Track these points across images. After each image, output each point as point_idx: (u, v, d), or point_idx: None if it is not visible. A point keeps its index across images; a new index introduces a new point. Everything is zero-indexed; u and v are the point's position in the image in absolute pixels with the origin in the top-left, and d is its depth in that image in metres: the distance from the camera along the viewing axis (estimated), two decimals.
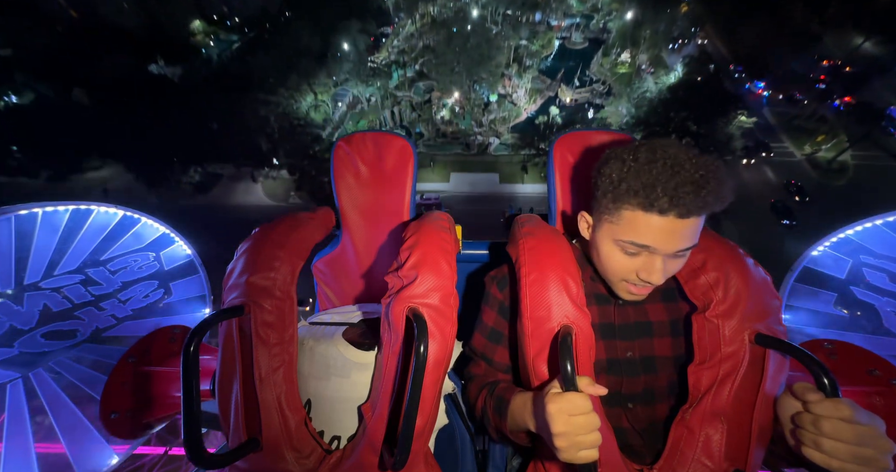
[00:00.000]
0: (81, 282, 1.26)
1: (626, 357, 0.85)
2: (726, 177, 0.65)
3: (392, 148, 1.18)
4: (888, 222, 1.17)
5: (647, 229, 0.68)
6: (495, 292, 0.95)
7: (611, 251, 0.76)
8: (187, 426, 0.62)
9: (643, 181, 0.65)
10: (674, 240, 0.67)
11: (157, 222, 1.46)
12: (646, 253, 0.71)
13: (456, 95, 24.44)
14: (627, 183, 0.68)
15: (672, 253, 0.69)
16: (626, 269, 0.74)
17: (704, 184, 0.63)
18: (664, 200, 0.64)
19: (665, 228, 0.66)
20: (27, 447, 1.08)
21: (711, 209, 0.65)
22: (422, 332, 0.66)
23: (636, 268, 0.73)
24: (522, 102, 25.38)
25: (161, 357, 1.35)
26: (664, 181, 0.64)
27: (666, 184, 0.63)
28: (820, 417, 0.56)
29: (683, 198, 0.63)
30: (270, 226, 0.95)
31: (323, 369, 0.84)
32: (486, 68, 23.03)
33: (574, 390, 0.60)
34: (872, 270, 1.18)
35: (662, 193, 0.63)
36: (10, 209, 1.12)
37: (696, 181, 0.63)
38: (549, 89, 26.05)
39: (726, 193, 0.65)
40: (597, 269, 0.85)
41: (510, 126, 24.36)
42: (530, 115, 24.91)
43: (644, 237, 0.69)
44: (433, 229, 0.86)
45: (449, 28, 24.55)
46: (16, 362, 1.11)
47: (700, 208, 0.64)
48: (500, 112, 24.50)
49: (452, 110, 24.89)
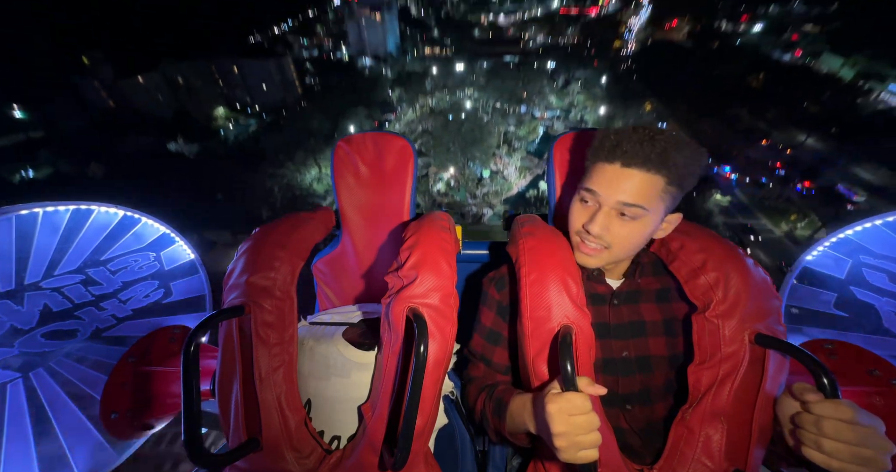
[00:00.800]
0: (82, 282, 1.26)
1: (622, 357, 0.85)
2: (685, 148, 0.71)
3: (392, 148, 1.18)
4: (888, 222, 1.17)
5: (597, 176, 0.76)
6: (493, 293, 0.95)
7: (575, 203, 0.83)
8: (187, 426, 0.62)
9: (609, 138, 0.75)
10: (616, 189, 0.73)
11: (157, 222, 1.46)
12: (594, 204, 0.78)
13: (451, 171, 26.79)
14: (598, 141, 0.77)
15: (614, 204, 0.74)
16: (578, 219, 0.81)
17: (652, 142, 0.70)
18: (613, 150, 0.73)
19: (610, 175, 0.74)
20: (27, 447, 1.08)
21: (654, 166, 0.70)
22: (422, 332, 0.66)
23: (584, 219, 0.79)
24: (513, 177, 28.21)
25: (161, 357, 1.35)
26: (622, 137, 0.73)
27: (621, 138, 0.73)
28: (820, 418, 0.56)
29: (628, 149, 0.71)
30: (270, 226, 0.95)
31: (323, 369, 0.84)
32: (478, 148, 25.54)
33: (574, 390, 0.60)
34: (872, 270, 1.17)
35: (615, 144, 0.73)
36: (11, 209, 1.12)
37: (646, 139, 0.71)
38: (536, 167, 28.92)
39: (676, 158, 0.70)
40: None
41: (503, 199, 26.62)
42: (521, 189, 27.41)
43: (593, 182, 0.77)
44: (433, 229, 0.86)
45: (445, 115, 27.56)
46: (16, 362, 1.11)
47: (642, 161, 0.70)
48: (493, 186, 27.06)
49: (448, 184, 27.08)
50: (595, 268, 0.86)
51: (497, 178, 27.82)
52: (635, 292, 0.89)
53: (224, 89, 33.26)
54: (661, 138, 0.70)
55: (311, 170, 26.69)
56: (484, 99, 31.89)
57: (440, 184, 27.02)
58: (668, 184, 0.72)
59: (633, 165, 0.71)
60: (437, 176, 26.88)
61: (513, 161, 28.91)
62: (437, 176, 26.88)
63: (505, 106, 32.24)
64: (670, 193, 0.74)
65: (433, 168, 26.87)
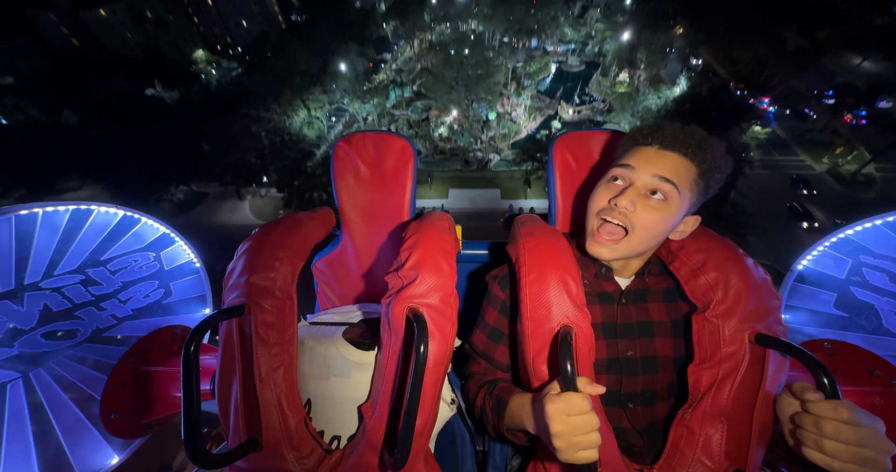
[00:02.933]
0: (82, 282, 1.26)
1: (627, 356, 0.85)
2: (719, 146, 0.76)
3: (392, 148, 1.18)
4: (888, 222, 1.17)
5: (634, 154, 0.80)
6: (497, 292, 0.95)
7: (600, 186, 0.84)
8: (187, 426, 0.61)
9: (647, 127, 0.81)
10: (652, 163, 0.76)
11: (157, 222, 1.46)
12: (625, 182, 0.79)
13: (454, 114, 24.42)
14: (635, 131, 0.83)
15: (648, 178, 0.76)
16: (604, 196, 0.81)
17: (689, 132, 0.76)
18: (653, 133, 0.78)
19: (648, 154, 0.78)
20: (27, 447, 1.08)
21: (692, 152, 0.75)
22: (422, 332, 0.66)
23: (612, 194, 0.79)
24: (522, 119, 25.51)
25: (161, 357, 1.35)
26: (661, 125, 0.79)
27: (661, 125, 0.79)
28: (821, 418, 0.56)
29: (669, 133, 0.77)
30: (270, 226, 0.95)
31: (323, 369, 0.84)
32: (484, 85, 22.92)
33: (573, 390, 0.60)
34: (872, 270, 1.17)
35: (655, 129, 0.79)
36: (11, 209, 1.12)
37: (683, 128, 0.77)
38: (548, 108, 26.22)
39: (712, 150, 0.75)
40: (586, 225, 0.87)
41: (510, 143, 24.25)
42: (531, 132, 24.91)
43: (630, 159, 0.80)
44: (433, 229, 0.86)
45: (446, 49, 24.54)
46: (16, 362, 1.11)
47: (682, 145, 0.75)
48: (500, 129, 24.55)
49: (451, 128, 24.76)
50: (608, 261, 0.84)
51: (504, 120, 24.87)
52: (644, 292, 0.88)
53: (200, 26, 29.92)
54: (699, 131, 0.76)
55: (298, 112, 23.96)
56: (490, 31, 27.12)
57: (442, 128, 24.73)
58: (699, 175, 0.75)
59: (673, 148, 0.75)
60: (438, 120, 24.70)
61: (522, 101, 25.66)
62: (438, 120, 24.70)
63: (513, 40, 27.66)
64: (699, 185, 0.76)
65: (434, 111, 24.68)
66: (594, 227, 0.82)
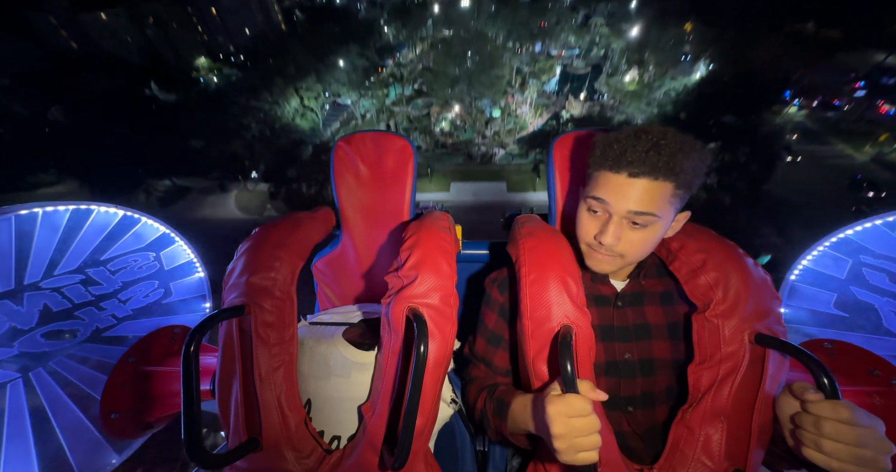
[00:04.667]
0: (81, 282, 1.26)
1: (625, 359, 0.84)
2: (692, 151, 0.70)
3: (392, 148, 1.18)
4: (888, 222, 1.17)
5: (605, 185, 0.74)
6: (496, 295, 0.94)
7: (582, 212, 0.81)
8: (187, 426, 0.61)
9: (612, 147, 0.73)
10: (625, 198, 0.72)
11: (157, 222, 1.46)
12: (604, 213, 0.76)
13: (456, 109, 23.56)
14: (601, 149, 0.75)
15: (624, 213, 0.73)
16: (589, 230, 0.79)
17: (657, 149, 0.69)
18: (619, 159, 0.71)
19: (618, 185, 0.72)
20: (27, 447, 1.08)
21: (663, 174, 0.69)
22: (422, 332, 0.66)
23: (595, 230, 0.78)
24: (527, 116, 24.77)
25: (161, 357, 1.35)
26: (627, 145, 0.71)
27: (626, 147, 0.71)
28: (820, 418, 0.56)
29: (634, 159, 0.69)
30: (270, 226, 0.95)
31: (323, 369, 0.84)
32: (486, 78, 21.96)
33: (574, 390, 0.60)
34: (872, 270, 1.17)
35: (619, 154, 0.71)
36: (10, 209, 1.12)
37: (651, 147, 0.69)
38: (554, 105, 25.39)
39: (684, 164, 0.69)
40: None
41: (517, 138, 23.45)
42: (536, 128, 24.22)
43: (601, 191, 0.75)
44: (433, 229, 0.86)
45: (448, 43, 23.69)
46: (16, 362, 1.11)
47: (650, 170, 0.69)
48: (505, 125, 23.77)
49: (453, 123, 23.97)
50: (603, 272, 0.85)
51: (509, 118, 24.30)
52: (640, 295, 0.88)
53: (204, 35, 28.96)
54: (667, 144, 0.69)
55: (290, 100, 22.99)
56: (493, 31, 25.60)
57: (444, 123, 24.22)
58: (676, 189, 0.72)
59: (641, 175, 0.70)
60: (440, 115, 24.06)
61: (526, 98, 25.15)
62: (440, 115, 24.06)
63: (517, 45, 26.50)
64: (679, 196, 0.73)
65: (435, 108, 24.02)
66: (584, 247, 0.82)
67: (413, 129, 24.12)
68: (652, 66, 24.40)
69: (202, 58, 28.80)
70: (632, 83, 25.58)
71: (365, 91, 24.62)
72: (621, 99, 24.72)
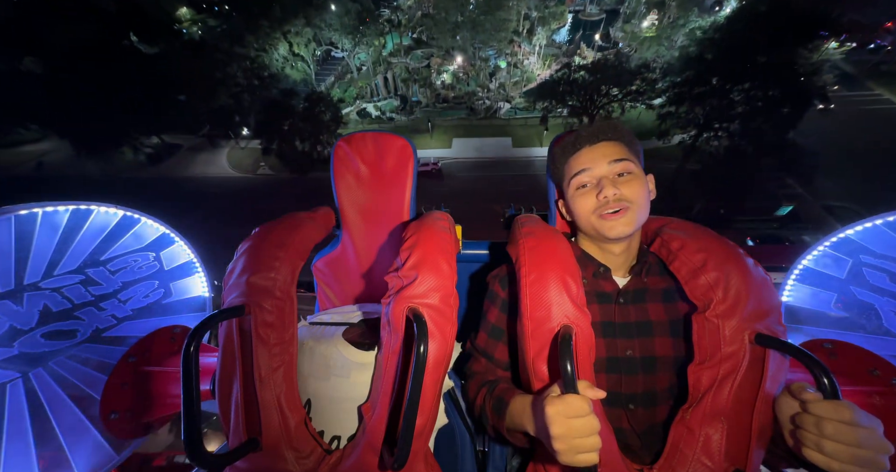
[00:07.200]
0: (81, 282, 1.25)
1: (626, 356, 0.85)
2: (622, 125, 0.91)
3: (392, 148, 1.18)
4: (888, 222, 1.17)
5: (578, 161, 0.91)
6: (498, 290, 0.96)
7: (575, 197, 0.91)
8: (187, 426, 0.61)
9: (567, 142, 0.94)
10: (600, 156, 0.88)
11: (157, 222, 1.45)
12: (591, 181, 0.88)
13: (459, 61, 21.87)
14: (560, 150, 0.96)
15: (606, 167, 0.87)
16: (588, 202, 0.89)
17: (597, 125, 0.91)
18: (575, 143, 0.92)
19: (588, 154, 0.90)
20: (27, 447, 1.08)
21: (612, 136, 0.89)
22: (422, 332, 0.66)
23: (593, 198, 0.88)
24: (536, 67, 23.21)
25: (161, 357, 1.35)
26: (576, 134, 0.93)
27: (576, 135, 0.93)
28: (821, 419, 0.56)
29: (586, 134, 0.91)
30: (270, 226, 0.95)
31: (323, 369, 0.84)
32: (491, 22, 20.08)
33: (574, 391, 0.60)
34: (872, 270, 1.17)
35: (575, 140, 0.92)
36: (10, 209, 1.12)
37: (593, 126, 0.91)
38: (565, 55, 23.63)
39: (620, 129, 0.90)
40: (582, 230, 0.96)
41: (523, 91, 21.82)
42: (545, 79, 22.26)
43: (579, 165, 0.90)
44: (433, 229, 0.86)
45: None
46: (16, 362, 1.11)
47: (600, 136, 0.89)
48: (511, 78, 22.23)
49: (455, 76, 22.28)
50: (627, 235, 0.86)
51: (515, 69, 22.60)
52: (642, 291, 0.89)
53: None
54: (602, 122, 0.92)
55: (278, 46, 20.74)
56: None
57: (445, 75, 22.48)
58: (626, 146, 0.89)
59: (598, 141, 0.89)
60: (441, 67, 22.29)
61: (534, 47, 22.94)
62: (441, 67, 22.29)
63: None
64: (633, 152, 0.89)
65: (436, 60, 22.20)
66: (596, 220, 0.87)
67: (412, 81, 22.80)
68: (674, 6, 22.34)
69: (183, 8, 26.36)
70: (650, 29, 23.62)
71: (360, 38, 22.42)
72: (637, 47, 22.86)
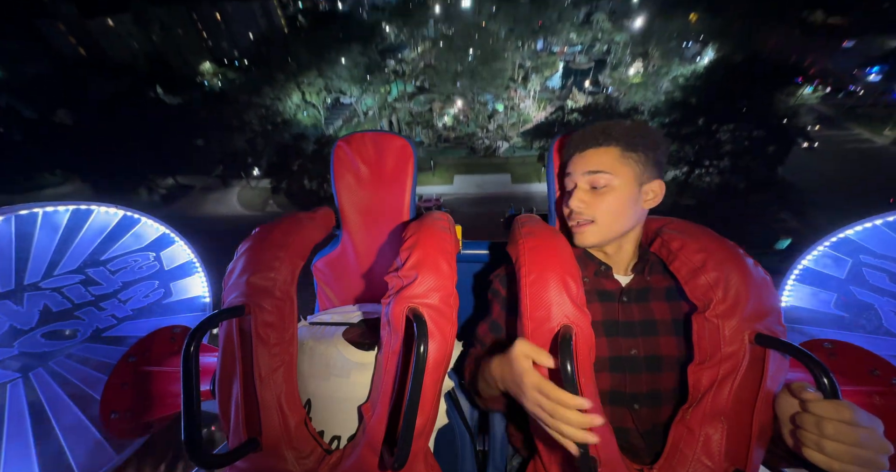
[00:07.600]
0: (81, 282, 1.26)
1: (630, 354, 0.84)
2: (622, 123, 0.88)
3: (392, 148, 1.18)
4: (888, 222, 1.17)
5: (569, 164, 0.94)
6: (499, 288, 0.99)
7: (561, 198, 0.98)
8: (187, 426, 0.61)
9: (570, 141, 0.94)
10: (581, 164, 0.90)
11: (157, 222, 1.46)
12: (572, 186, 0.92)
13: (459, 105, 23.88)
14: (565, 148, 0.96)
15: (581, 176, 0.89)
16: (566, 206, 0.93)
17: (594, 128, 0.89)
18: (570, 146, 0.93)
19: (575, 160, 0.92)
20: (27, 447, 1.08)
21: (602, 141, 0.87)
22: (422, 332, 0.66)
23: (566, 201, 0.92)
24: (531, 110, 25.07)
25: (161, 357, 1.35)
26: (577, 135, 0.92)
27: (576, 136, 0.92)
28: (822, 419, 0.56)
29: (579, 139, 0.91)
30: (270, 226, 0.95)
31: (323, 369, 0.84)
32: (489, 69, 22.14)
33: (573, 391, 0.60)
34: (872, 270, 1.17)
35: (570, 142, 0.93)
36: (10, 209, 1.12)
37: (592, 128, 0.90)
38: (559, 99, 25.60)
39: (616, 129, 0.87)
40: None
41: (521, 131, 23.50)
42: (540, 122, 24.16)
43: (568, 167, 0.94)
44: (433, 230, 0.86)
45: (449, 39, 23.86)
46: (16, 362, 1.11)
47: (590, 142, 0.88)
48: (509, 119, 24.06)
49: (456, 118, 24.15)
50: (593, 246, 0.92)
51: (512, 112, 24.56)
52: (646, 290, 0.89)
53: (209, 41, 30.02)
54: (601, 124, 0.89)
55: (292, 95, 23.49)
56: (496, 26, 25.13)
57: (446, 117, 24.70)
58: (623, 151, 0.85)
59: (587, 147, 0.89)
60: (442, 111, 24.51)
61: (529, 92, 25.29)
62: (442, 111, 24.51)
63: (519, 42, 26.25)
64: (632, 158, 0.85)
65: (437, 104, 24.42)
66: (569, 224, 0.94)
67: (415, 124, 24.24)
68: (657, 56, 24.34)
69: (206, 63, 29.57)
70: (636, 76, 25.63)
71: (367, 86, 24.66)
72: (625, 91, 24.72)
